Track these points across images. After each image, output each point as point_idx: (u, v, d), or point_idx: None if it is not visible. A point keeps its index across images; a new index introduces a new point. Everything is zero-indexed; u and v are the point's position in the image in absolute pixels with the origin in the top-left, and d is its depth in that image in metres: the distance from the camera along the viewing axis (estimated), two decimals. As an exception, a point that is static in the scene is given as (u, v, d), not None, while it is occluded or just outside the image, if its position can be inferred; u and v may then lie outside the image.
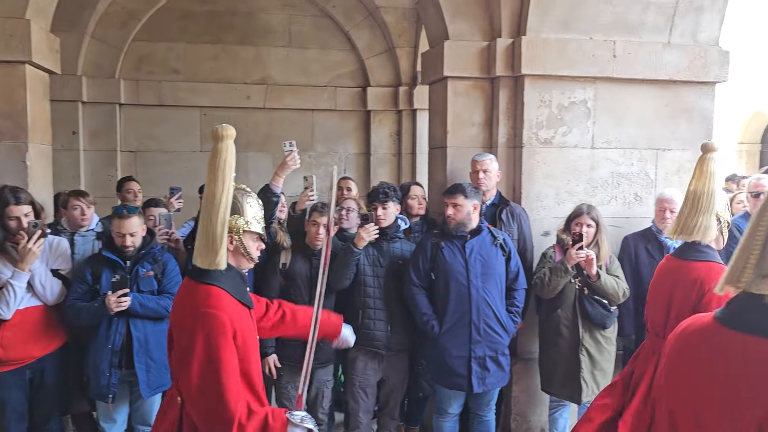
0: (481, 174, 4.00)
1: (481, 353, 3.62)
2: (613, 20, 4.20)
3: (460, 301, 3.59)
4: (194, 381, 1.99)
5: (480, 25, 4.32)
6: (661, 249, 4.02)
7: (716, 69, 4.37)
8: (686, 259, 2.95)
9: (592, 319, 3.75)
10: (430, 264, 3.70)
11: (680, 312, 2.79)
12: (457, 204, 3.65)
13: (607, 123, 4.30)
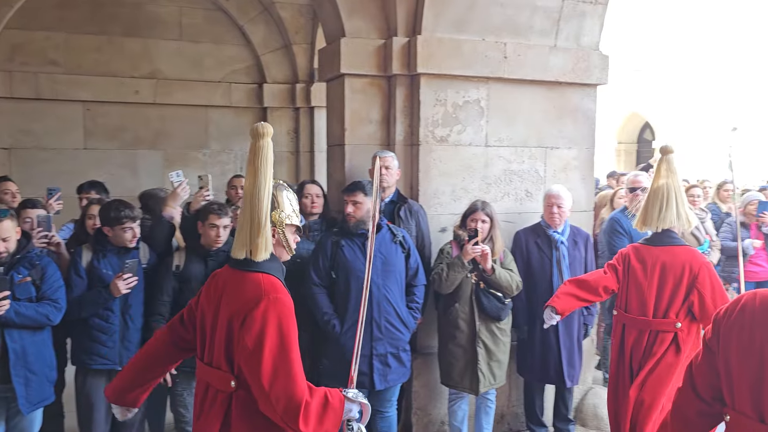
0: (383, 170, 4.02)
1: (383, 350, 3.64)
2: (504, 22, 4.35)
3: (361, 299, 3.58)
4: (266, 364, 2.04)
5: (376, 23, 4.33)
6: (549, 243, 4.21)
7: (597, 72, 4.64)
8: (665, 245, 3.45)
9: (488, 312, 3.87)
10: (330, 262, 3.67)
11: (676, 291, 3.40)
12: (357, 202, 3.64)
13: (500, 122, 4.45)
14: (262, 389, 2.05)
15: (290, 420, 2.03)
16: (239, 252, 2.18)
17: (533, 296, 4.21)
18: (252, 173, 2.16)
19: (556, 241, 4.21)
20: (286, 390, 2.04)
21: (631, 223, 4.02)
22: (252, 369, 2.06)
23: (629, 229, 4.85)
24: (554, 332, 4.16)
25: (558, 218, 4.17)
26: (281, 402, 2.04)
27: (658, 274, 3.45)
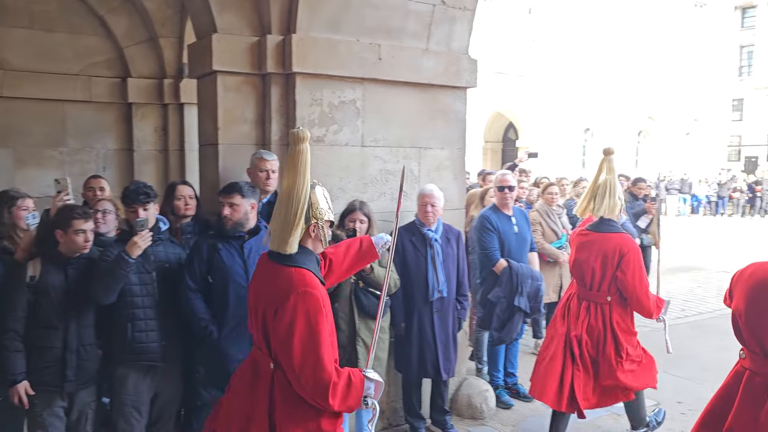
0: (271, 173, 3.97)
1: None
2: (378, 24, 4.40)
3: (240, 303, 3.49)
4: (296, 351, 2.34)
5: (250, 20, 4.22)
6: (424, 241, 4.33)
7: (467, 75, 4.83)
8: (603, 232, 4.18)
9: (367, 311, 3.92)
10: (206, 266, 3.54)
11: (607, 269, 4.09)
12: (234, 204, 3.54)
13: (376, 122, 4.51)
14: (293, 373, 2.37)
15: (319, 398, 2.38)
16: (274, 245, 2.45)
17: (409, 293, 4.31)
18: (291, 174, 2.43)
19: (431, 239, 4.35)
20: (314, 374, 2.35)
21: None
22: (284, 355, 2.39)
23: (498, 226, 5.11)
24: (431, 327, 4.30)
25: (432, 217, 4.31)
26: (310, 384, 2.36)
27: (600, 255, 4.15)
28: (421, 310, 4.34)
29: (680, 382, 5.66)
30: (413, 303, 4.34)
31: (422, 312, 4.34)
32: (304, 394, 2.39)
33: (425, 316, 4.34)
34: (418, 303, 4.34)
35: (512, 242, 5.17)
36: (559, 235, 6.45)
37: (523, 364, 5.83)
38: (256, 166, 4.01)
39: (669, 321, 4.65)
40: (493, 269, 5.10)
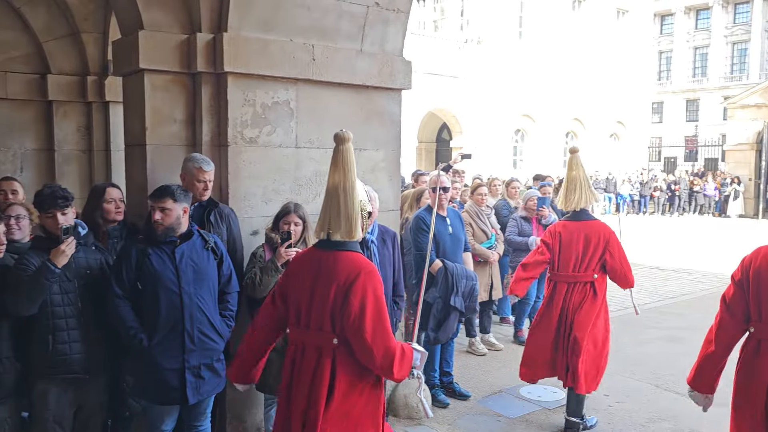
0: (208, 184, 3.87)
1: (196, 362, 3.46)
2: (311, 25, 4.36)
3: (172, 310, 3.39)
4: (368, 325, 2.62)
5: (178, 17, 4.09)
6: (361, 242, 4.31)
7: (401, 77, 4.85)
8: (583, 220, 4.76)
9: None
10: (135, 273, 3.40)
11: (594, 252, 4.66)
12: (166, 208, 3.41)
13: (310, 123, 4.46)
14: (365, 343, 2.62)
15: (386, 366, 2.66)
16: (334, 236, 2.73)
17: None
18: (340, 171, 2.77)
19: (368, 241, 4.34)
20: (384, 343, 2.64)
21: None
22: (357, 328, 2.63)
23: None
24: None
25: (367, 219, 4.30)
26: (380, 353, 2.64)
27: (582, 241, 4.69)
28: None
29: (605, 376, 5.86)
30: None
31: None
32: (372, 363, 2.68)
33: None
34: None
35: (447, 243, 5.23)
36: (488, 235, 6.57)
37: (458, 362, 5.91)
38: (193, 176, 3.86)
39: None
40: (428, 270, 5.14)
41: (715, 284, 10.32)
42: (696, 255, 13.21)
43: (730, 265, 10.36)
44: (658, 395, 5.48)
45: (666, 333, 7.34)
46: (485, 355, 6.45)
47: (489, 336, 6.79)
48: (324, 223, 2.81)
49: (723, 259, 12.75)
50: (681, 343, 6.95)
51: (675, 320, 7.92)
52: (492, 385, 5.70)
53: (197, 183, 3.86)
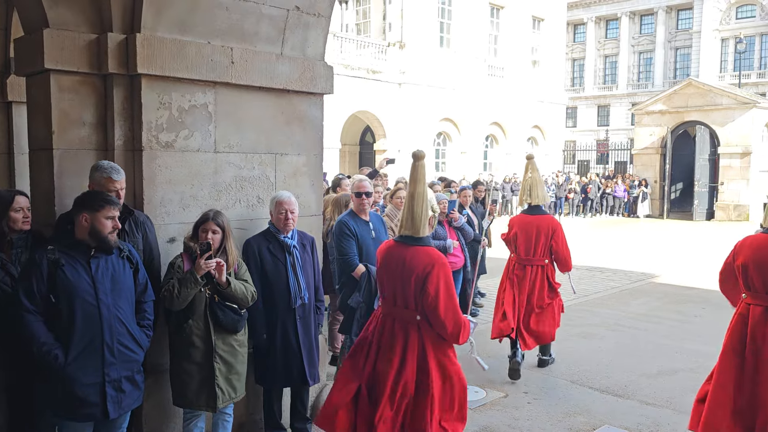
0: (120, 192, 3.69)
1: (116, 375, 3.33)
2: (230, 27, 4.26)
3: (90, 322, 3.24)
4: (442, 304, 3.40)
5: (88, 16, 3.90)
6: (282, 248, 4.27)
7: (323, 82, 4.82)
8: (536, 215, 5.89)
9: (224, 325, 3.78)
10: (48, 285, 3.21)
11: (545, 242, 5.83)
12: (115, 216, 3.31)
13: (229, 127, 4.36)
14: (439, 319, 3.43)
15: (455, 335, 3.47)
16: (412, 232, 3.53)
17: (271, 302, 4.23)
18: (416, 183, 3.57)
19: (289, 246, 4.30)
20: (453, 318, 3.44)
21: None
22: (433, 309, 3.42)
23: (356, 231, 5.16)
24: (295, 335, 4.27)
25: (292, 224, 4.26)
26: (451, 325, 3.44)
27: (535, 231, 5.87)
28: (285, 318, 4.27)
29: (524, 373, 6.05)
30: (275, 312, 4.25)
31: (286, 320, 4.27)
32: (445, 333, 3.47)
33: (289, 324, 4.28)
34: (281, 311, 4.26)
35: (370, 247, 5.24)
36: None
37: (383, 366, 5.93)
38: (102, 186, 3.64)
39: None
40: (352, 275, 5.14)
41: (625, 282, 10.85)
42: (607, 254, 13.85)
43: (639, 263, 10.94)
44: (574, 390, 5.70)
45: (580, 330, 7.65)
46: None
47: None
48: (404, 223, 3.59)
49: (633, 257, 13.45)
50: (594, 339, 7.27)
51: (589, 317, 8.27)
52: (416, 387, 5.75)
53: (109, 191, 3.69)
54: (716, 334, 7.44)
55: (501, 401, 5.44)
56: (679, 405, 5.33)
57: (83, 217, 3.29)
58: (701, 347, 6.95)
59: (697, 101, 22.90)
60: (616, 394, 5.60)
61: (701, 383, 5.74)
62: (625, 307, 8.93)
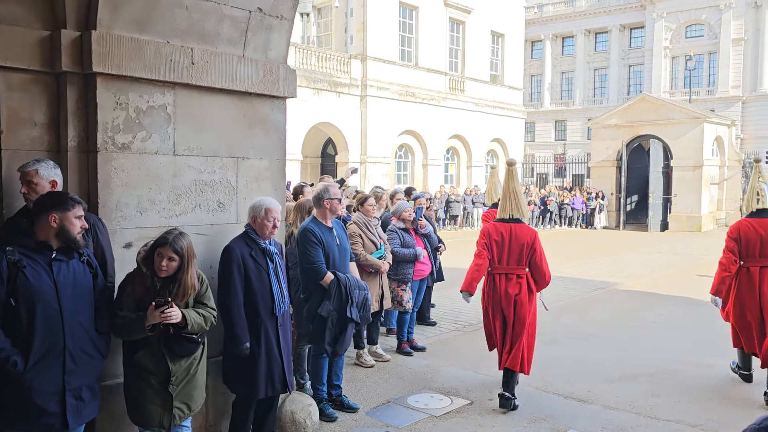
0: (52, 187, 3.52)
1: (77, 384, 3.21)
2: (190, 27, 4.16)
3: (51, 328, 3.11)
4: (544, 261, 5.48)
5: (40, 12, 3.75)
6: (264, 254, 4.17)
7: (286, 85, 4.75)
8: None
9: (180, 354, 3.59)
10: (7, 287, 3.04)
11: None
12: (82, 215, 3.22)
13: (189, 130, 4.25)
14: (542, 270, 5.43)
15: (547, 282, 5.51)
16: (520, 215, 5.48)
17: (254, 310, 4.13)
18: (514, 181, 5.53)
19: (272, 253, 4.22)
20: (547, 269, 5.49)
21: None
22: (539, 263, 5.41)
23: (322, 238, 5.07)
24: (276, 342, 4.22)
25: (276, 231, 4.19)
26: (547, 274, 5.49)
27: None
28: (267, 326, 4.19)
29: (488, 380, 6.03)
30: (259, 320, 4.14)
31: (268, 327, 4.19)
32: (543, 281, 5.49)
33: (271, 332, 4.20)
34: (264, 319, 4.17)
35: (336, 254, 5.16)
36: (377, 245, 6.59)
37: (346, 375, 5.84)
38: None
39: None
40: (320, 283, 5.04)
41: (585, 290, 11.00)
42: (568, 264, 14.04)
43: (599, 272, 11.11)
44: (538, 397, 5.70)
45: (544, 337, 7.68)
46: (373, 367, 6.43)
47: (376, 347, 6.78)
48: (506, 209, 5.50)
49: (592, 267, 13.67)
50: (557, 346, 7.31)
51: (552, 325, 8.32)
52: (380, 396, 5.68)
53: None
54: (674, 339, 7.60)
55: (466, 408, 5.41)
56: (641, 409, 5.38)
57: (52, 217, 3.16)
58: (661, 352, 7.05)
59: (650, 116, 23.55)
60: (579, 400, 5.62)
61: (662, 387, 5.84)
62: (587, 315, 9.03)
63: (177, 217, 4.19)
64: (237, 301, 4.08)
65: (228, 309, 4.08)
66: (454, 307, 9.07)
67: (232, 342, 4.08)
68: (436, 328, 7.97)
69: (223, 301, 4.08)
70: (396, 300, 6.80)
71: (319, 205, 5.21)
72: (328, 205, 5.17)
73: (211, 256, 4.31)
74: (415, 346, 7.13)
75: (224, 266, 4.12)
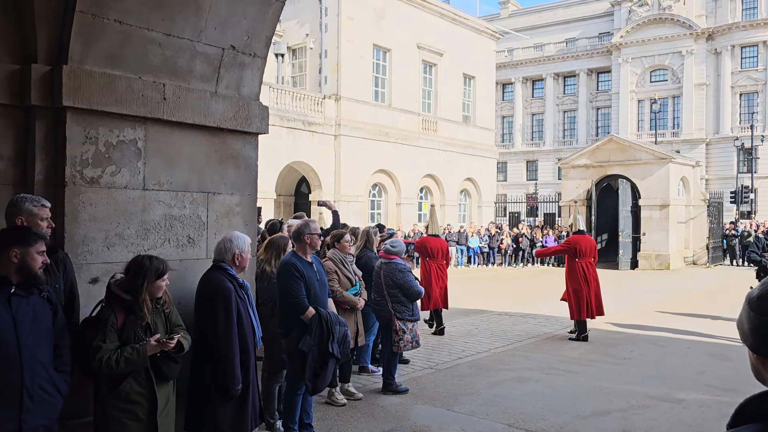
0: (51, 223, 3.53)
1: (34, 423, 3.10)
2: (163, 63, 4.20)
3: (8, 364, 3.02)
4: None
5: (11, 46, 3.75)
6: (243, 289, 4.18)
7: (258, 121, 4.79)
8: (438, 237, 10.22)
9: (167, 378, 3.58)
10: None
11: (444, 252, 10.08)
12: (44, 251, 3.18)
13: (159, 164, 4.24)
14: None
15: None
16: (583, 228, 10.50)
17: (244, 346, 4.11)
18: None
19: (247, 288, 4.24)
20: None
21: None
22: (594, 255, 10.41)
23: (303, 272, 5.04)
24: (255, 377, 4.28)
25: None
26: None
27: (439, 248, 9.77)
28: (251, 361, 4.24)
29: (461, 417, 5.99)
30: (247, 356, 4.16)
31: (251, 363, 4.25)
32: None
33: (252, 367, 4.27)
34: (251, 355, 4.21)
35: (317, 288, 5.14)
36: (353, 282, 6.58)
37: (317, 414, 5.75)
38: (34, 215, 3.43)
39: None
40: (301, 318, 4.99)
41: (557, 327, 11.04)
42: (540, 301, 14.11)
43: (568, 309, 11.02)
44: (511, 434, 5.66)
45: (515, 374, 7.68)
46: (345, 405, 6.33)
47: (348, 386, 6.69)
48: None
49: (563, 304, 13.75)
50: (529, 383, 7.30)
51: (523, 361, 8.32)
52: (352, 435, 5.58)
53: (41, 222, 3.47)
54: (645, 375, 7.65)
55: None
56: (613, 445, 5.36)
57: (13, 252, 3.09)
58: (632, 388, 7.08)
59: (618, 156, 24.11)
60: (552, 437, 5.59)
61: (633, 423, 5.85)
62: (558, 352, 9.04)
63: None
64: (236, 341, 4.02)
65: (225, 350, 3.98)
66: (427, 345, 9.03)
67: (230, 382, 3.97)
68: (409, 366, 7.91)
69: (219, 341, 3.98)
70: (415, 340, 6.75)
71: (300, 240, 5.19)
72: (308, 240, 5.17)
73: (180, 291, 4.24)
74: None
75: (220, 304, 4.01)
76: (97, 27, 3.82)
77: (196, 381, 4.07)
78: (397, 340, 6.65)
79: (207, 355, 3.99)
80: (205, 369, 4.02)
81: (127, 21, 3.92)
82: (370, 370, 7.55)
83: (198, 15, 4.24)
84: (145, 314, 3.49)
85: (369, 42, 24.98)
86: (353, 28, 24.17)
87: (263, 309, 5.39)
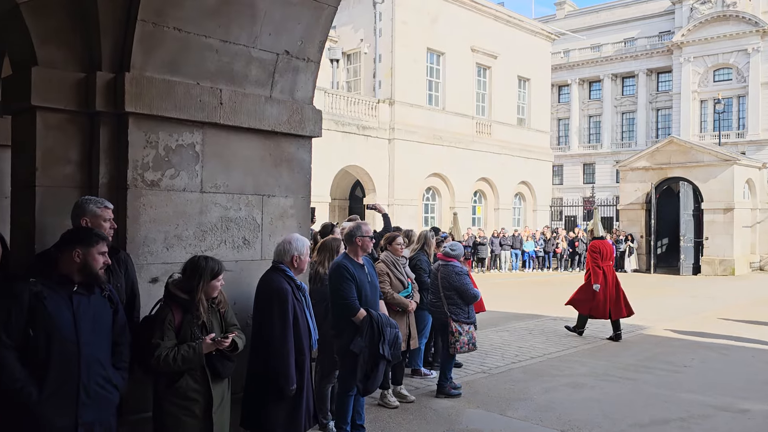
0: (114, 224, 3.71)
1: (90, 418, 3.20)
2: (219, 69, 4.32)
3: (67, 360, 3.14)
4: None
5: (77, 55, 3.95)
6: (302, 292, 4.25)
7: (311, 125, 4.86)
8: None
9: (222, 376, 3.70)
10: (27, 317, 3.11)
11: None
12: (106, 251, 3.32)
13: (216, 167, 4.36)
14: None
15: None
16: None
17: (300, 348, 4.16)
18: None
19: (305, 290, 4.32)
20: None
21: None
22: None
23: (355, 274, 5.09)
24: (309, 377, 4.35)
25: None
26: None
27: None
28: (307, 362, 4.29)
29: (513, 422, 5.90)
30: (303, 357, 4.20)
31: (307, 364, 4.30)
32: None
33: (307, 368, 4.32)
34: (306, 356, 4.26)
35: (368, 290, 5.19)
36: (405, 284, 6.58)
37: (369, 416, 5.77)
38: (98, 216, 3.61)
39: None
40: (352, 319, 5.04)
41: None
42: (596, 307, 13.76)
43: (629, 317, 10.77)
44: (565, 441, 5.55)
45: (569, 380, 7.52)
46: (397, 408, 6.34)
47: (401, 388, 6.69)
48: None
49: (621, 310, 13.34)
50: (584, 389, 7.13)
51: (578, 367, 8.14)
52: (403, 438, 5.58)
53: (104, 223, 3.63)
54: (706, 384, 7.36)
55: None
56: (672, 455, 5.18)
57: (76, 252, 3.22)
58: (692, 396, 6.83)
59: (679, 158, 23.32)
60: (608, 445, 5.45)
61: (695, 433, 5.64)
62: (615, 358, 8.81)
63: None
64: (291, 342, 4.09)
65: (280, 350, 4.05)
66: (480, 350, 8.94)
67: (284, 383, 4.03)
68: (462, 369, 7.85)
69: (275, 341, 4.06)
70: (471, 342, 6.74)
71: (351, 242, 5.25)
72: (360, 242, 5.22)
73: (234, 292, 4.34)
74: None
75: (276, 305, 4.09)
76: (157, 35, 3.96)
77: (251, 380, 4.16)
78: (453, 341, 6.62)
79: (263, 355, 4.07)
80: (261, 368, 4.10)
81: (185, 29, 4.06)
82: (422, 373, 7.53)
83: (253, 21, 4.35)
84: (201, 313, 3.59)
85: (423, 46, 24.98)
86: (407, 32, 24.21)
87: (317, 310, 5.46)
